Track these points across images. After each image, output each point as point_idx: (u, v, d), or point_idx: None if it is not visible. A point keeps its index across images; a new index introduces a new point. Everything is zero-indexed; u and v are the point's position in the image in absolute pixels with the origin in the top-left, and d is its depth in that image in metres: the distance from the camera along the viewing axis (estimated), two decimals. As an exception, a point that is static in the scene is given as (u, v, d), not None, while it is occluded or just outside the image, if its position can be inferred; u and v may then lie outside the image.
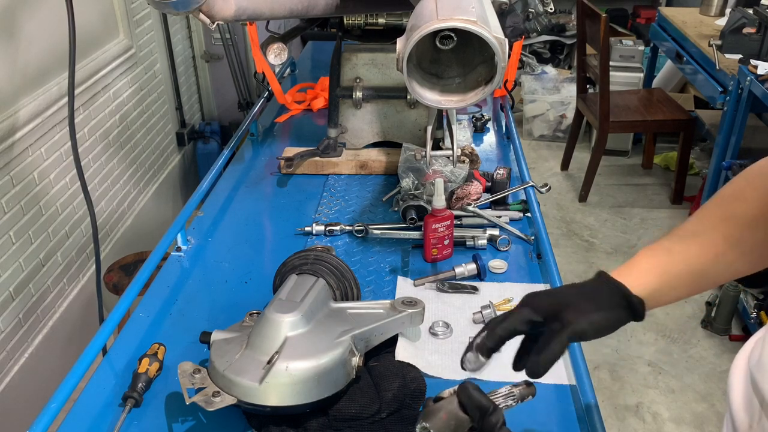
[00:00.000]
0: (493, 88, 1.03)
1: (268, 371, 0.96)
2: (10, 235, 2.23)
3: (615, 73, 3.88)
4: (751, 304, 2.69)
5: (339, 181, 1.81)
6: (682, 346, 2.77)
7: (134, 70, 3.16)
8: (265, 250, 1.54)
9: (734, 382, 0.85)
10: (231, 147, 1.91)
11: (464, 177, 1.63)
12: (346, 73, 1.83)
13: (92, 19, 2.80)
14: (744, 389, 0.83)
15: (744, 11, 3.06)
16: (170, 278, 1.42)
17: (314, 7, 1.53)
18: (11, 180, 2.23)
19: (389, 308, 1.14)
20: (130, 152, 3.12)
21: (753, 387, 0.81)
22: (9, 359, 2.24)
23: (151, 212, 3.34)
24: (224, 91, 4.06)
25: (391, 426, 1.01)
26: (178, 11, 1.25)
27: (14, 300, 2.25)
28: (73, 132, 1.77)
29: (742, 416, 0.81)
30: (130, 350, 1.21)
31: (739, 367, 0.86)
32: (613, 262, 3.30)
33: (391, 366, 1.09)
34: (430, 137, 1.35)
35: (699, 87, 3.30)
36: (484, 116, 2.13)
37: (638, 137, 4.35)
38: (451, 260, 1.45)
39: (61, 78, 2.47)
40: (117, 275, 2.36)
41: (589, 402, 1.04)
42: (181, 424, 1.04)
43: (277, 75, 2.45)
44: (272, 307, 1.04)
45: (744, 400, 0.82)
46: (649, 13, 4.91)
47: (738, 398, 0.83)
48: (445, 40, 1.02)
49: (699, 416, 2.44)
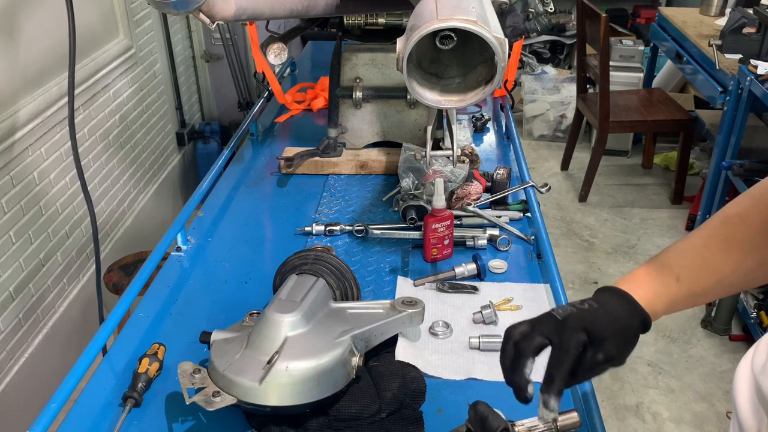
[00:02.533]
0: (493, 88, 1.03)
1: (268, 371, 0.96)
2: (10, 235, 2.23)
3: (615, 73, 3.87)
4: (751, 304, 2.69)
5: (339, 181, 1.81)
6: (682, 346, 2.77)
7: (134, 70, 3.16)
8: (265, 250, 1.54)
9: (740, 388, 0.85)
10: (231, 147, 1.91)
11: (464, 177, 1.63)
12: (346, 73, 1.83)
13: (92, 19, 2.80)
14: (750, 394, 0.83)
15: (744, 11, 3.06)
16: (170, 278, 1.42)
17: (314, 7, 1.53)
18: (11, 180, 2.23)
19: (389, 308, 1.14)
20: (130, 152, 3.12)
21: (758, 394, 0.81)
22: (9, 359, 2.24)
23: (151, 212, 3.34)
24: (224, 91, 4.06)
25: (391, 426, 1.01)
26: (178, 11, 1.25)
27: (14, 300, 2.25)
28: (73, 132, 1.77)
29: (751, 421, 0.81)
30: (130, 350, 1.21)
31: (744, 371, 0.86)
32: (613, 261, 3.31)
33: (391, 366, 1.09)
34: (430, 137, 1.35)
35: (699, 87, 3.30)
36: (484, 116, 2.13)
37: (638, 137, 4.35)
38: (451, 260, 1.45)
39: (61, 78, 2.47)
40: (117, 275, 2.36)
41: (589, 402, 1.04)
42: (181, 424, 1.04)
43: (277, 75, 2.45)
44: (272, 307, 1.04)
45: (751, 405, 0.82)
46: (649, 13, 4.90)
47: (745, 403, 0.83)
48: (445, 40, 1.02)
49: (699, 416, 2.44)
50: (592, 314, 0.80)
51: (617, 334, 0.80)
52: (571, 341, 0.78)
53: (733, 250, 0.85)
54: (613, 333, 0.80)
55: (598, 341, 0.79)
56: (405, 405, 1.04)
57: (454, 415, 1.05)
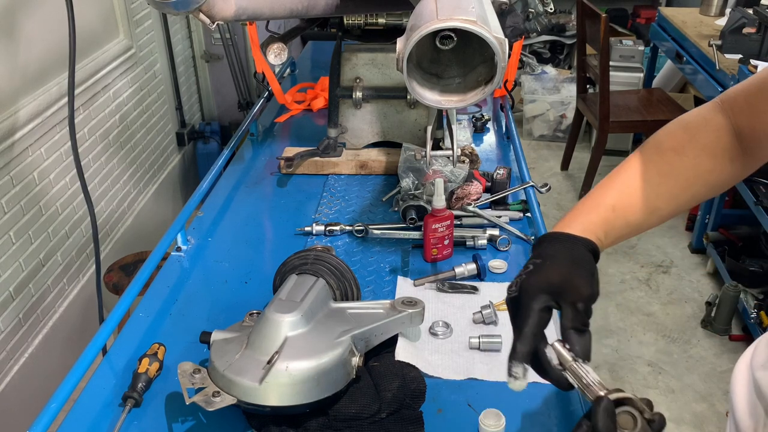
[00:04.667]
0: (493, 88, 1.03)
1: (268, 371, 0.96)
2: (10, 235, 2.23)
3: (615, 73, 3.87)
4: (751, 304, 2.69)
5: (339, 181, 1.81)
6: (682, 346, 2.77)
7: (134, 70, 3.16)
8: (265, 250, 1.54)
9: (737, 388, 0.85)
10: (231, 147, 1.91)
11: (464, 177, 1.63)
12: (346, 73, 1.83)
13: (92, 19, 2.80)
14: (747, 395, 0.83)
15: (744, 11, 3.06)
16: (170, 278, 1.42)
17: (314, 7, 1.53)
18: (11, 180, 2.23)
19: (389, 308, 1.14)
20: (130, 152, 3.12)
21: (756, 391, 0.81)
22: (9, 359, 2.24)
23: (151, 212, 3.34)
24: (224, 91, 4.06)
25: (391, 426, 1.01)
26: (178, 11, 1.25)
27: (14, 300, 2.25)
28: (73, 132, 1.77)
29: (747, 421, 0.81)
30: (130, 350, 1.21)
31: (741, 372, 0.86)
32: (613, 261, 3.31)
33: (391, 366, 1.09)
34: (430, 137, 1.35)
35: (699, 87, 3.30)
36: (484, 116, 2.13)
37: (638, 137, 4.35)
38: (451, 260, 1.45)
39: (61, 78, 2.47)
40: (117, 275, 2.36)
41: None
42: (181, 424, 1.04)
43: (277, 75, 2.45)
44: (272, 307, 1.04)
45: (748, 405, 0.82)
46: (649, 13, 4.90)
47: (742, 403, 0.83)
48: (445, 40, 1.02)
49: (699, 416, 2.44)
50: (539, 273, 0.78)
51: (574, 276, 0.78)
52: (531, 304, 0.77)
53: (667, 183, 0.87)
54: (569, 278, 0.77)
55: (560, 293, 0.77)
56: (405, 405, 1.04)
57: (454, 415, 1.05)
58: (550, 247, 0.82)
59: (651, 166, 0.88)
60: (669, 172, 0.87)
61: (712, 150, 0.87)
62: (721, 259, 3.00)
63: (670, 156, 0.88)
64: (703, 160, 0.87)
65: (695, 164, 0.87)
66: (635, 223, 0.88)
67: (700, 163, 0.87)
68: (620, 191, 0.88)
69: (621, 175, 0.89)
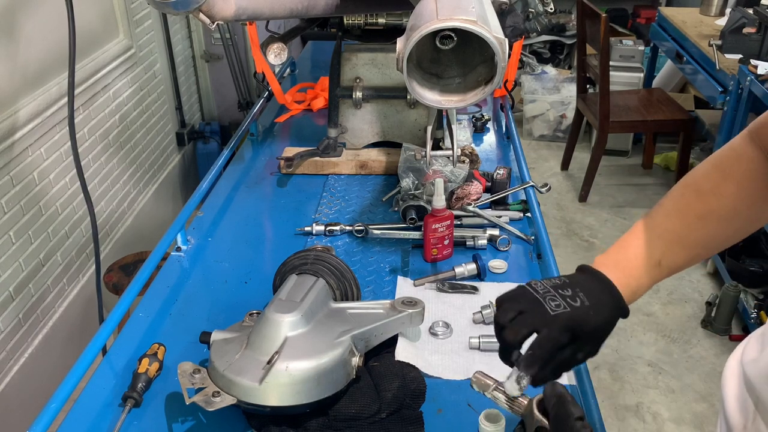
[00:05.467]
0: (493, 88, 1.03)
1: (268, 371, 0.96)
2: (10, 235, 2.23)
3: (615, 73, 3.87)
4: (751, 304, 2.69)
5: (339, 181, 1.81)
6: (682, 346, 2.77)
7: (134, 70, 3.16)
8: (265, 250, 1.54)
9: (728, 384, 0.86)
10: (231, 147, 1.91)
11: (464, 177, 1.63)
12: (346, 73, 1.83)
13: (92, 19, 2.80)
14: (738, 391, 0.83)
15: (744, 11, 3.06)
16: (170, 278, 1.42)
17: (314, 7, 1.53)
18: (11, 180, 2.23)
19: (389, 308, 1.14)
20: (130, 152, 3.12)
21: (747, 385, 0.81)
22: (9, 359, 2.24)
23: (151, 212, 3.34)
24: (224, 91, 4.06)
25: (391, 426, 1.01)
26: (178, 11, 1.25)
27: (14, 300, 2.25)
28: (73, 132, 1.77)
29: (737, 418, 0.81)
30: (130, 350, 1.21)
31: (731, 368, 0.87)
32: (613, 262, 3.30)
33: (391, 366, 1.09)
34: (430, 137, 1.35)
35: (699, 87, 3.30)
36: (484, 116, 2.13)
37: (638, 137, 4.35)
38: (451, 260, 1.45)
39: (61, 78, 2.47)
40: (117, 275, 2.36)
41: (589, 402, 1.04)
42: (181, 424, 1.04)
43: (277, 75, 2.45)
44: (272, 307, 1.04)
45: (738, 402, 0.82)
46: (649, 13, 4.90)
47: (732, 400, 0.83)
48: (445, 40, 1.02)
49: (699, 416, 2.44)
50: (583, 315, 0.81)
51: (601, 338, 0.83)
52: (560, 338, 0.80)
53: (708, 226, 0.88)
54: (598, 337, 0.82)
55: (581, 342, 0.81)
56: (405, 405, 1.04)
57: (454, 415, 1.05)
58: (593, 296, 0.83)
59: (690, 212, 0.88)
60: (709, 213, 0.88)
61: (748, 183, 0.87)
62: (721, 259, 3.00)
63: (709, 199, 0.88)
64: (741, 196, 0.87)
65: (734, 204, 0.87)
66: (676, 270, 0.90)
67: (739, 201, 0.87)
68: (667, 242, 0.88)
69: (665, 223, 0.89)
